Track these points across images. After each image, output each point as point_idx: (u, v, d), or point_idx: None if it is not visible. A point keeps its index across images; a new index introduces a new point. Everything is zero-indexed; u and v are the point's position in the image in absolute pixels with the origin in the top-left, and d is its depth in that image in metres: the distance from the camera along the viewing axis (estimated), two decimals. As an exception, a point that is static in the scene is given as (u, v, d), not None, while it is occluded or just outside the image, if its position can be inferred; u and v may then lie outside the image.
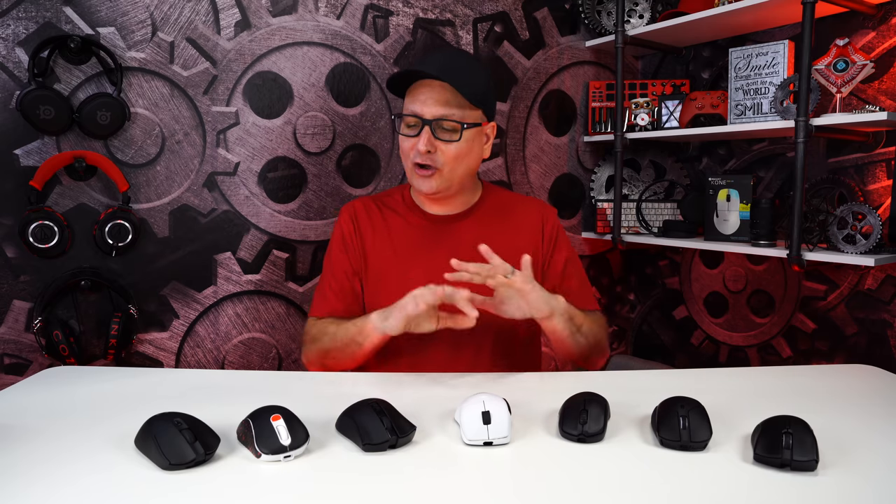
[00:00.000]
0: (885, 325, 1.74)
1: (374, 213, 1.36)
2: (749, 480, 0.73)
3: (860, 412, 0.94)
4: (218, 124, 1.80)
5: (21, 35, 1.59)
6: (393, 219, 1.35)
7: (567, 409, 0.86)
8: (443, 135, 1.21)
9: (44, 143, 1.63)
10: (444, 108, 1.20)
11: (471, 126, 1.23)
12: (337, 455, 0.79)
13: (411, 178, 1.27)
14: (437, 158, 1.22)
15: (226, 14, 1.78)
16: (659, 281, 2.38)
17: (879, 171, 1.74)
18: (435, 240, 1.32)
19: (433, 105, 1.20)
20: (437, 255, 1.28)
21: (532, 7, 2.15)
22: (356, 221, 1.34)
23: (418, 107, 1.21)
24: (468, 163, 1.26)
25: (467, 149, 1.24)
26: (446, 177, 1.24)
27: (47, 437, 0.82)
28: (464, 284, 1.14)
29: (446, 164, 1.22)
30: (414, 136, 1.22)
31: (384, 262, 1.32)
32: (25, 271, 1.64)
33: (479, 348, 1.27)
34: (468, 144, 1.24)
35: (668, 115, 2.07)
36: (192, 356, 1.83)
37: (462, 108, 1.21)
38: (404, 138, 1.24)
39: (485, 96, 1.26)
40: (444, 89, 1.20)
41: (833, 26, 1.78)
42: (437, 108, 1.20)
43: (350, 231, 1.34)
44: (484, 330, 1.24)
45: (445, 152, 1.22)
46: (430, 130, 1.20)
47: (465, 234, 1.32)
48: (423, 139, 1.20)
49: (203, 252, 1.81)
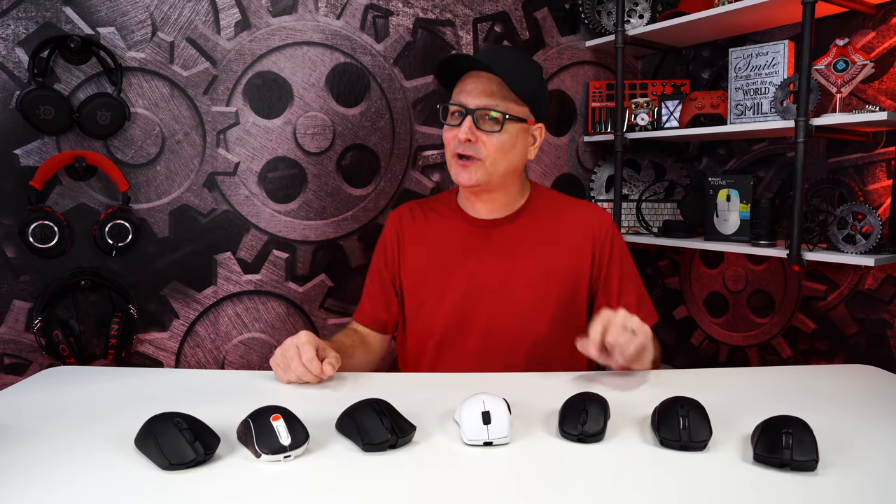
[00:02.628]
0: (885, 325, 1.74)
1: (419, 217, 1.35)
2: (749, 480, 0.73)
3: (860, 412, 0.94)
4: (218, 124, 1.80)
5: (21, 35, 1.59)
6: (437, 222, 1.33)
7: (567, 409, 0.86)
8: (485, 125, 1.18)
9: (44, 143, 1.63)
10: (488, 98, 1.18)
11: (514, 119, 1.19)
12: (337, 455, 0.79)
13: (452, 171, 1.24)
14: (479, 149, 1.19)
15: (226, 14, 1.78)
16: (659, 281, 2.38)
17: (879, 171, 1.74)
18: (477, 244, 1.29)
19: (478, 95, 1.18)
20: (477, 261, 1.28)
21: (532, 7, 2.15)
22: (400, 228, 1.35)
23: (463, 97, 1.19)
24: (511, 158, 1.22)
25: (510, 142, 1.20)
26: (488, 169, 1.20)
27: (47, 437, 0.82)
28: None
29: (489, 155, 1.19)
30: (456, 126, 1.20)
31: (423, 267, 1.31)
32: (25, 271, 1.64)
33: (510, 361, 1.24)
34: (511, 138, 1.20)
35: (668, 115, 2.06)
36: (192, 356, 1.83)
37: (507, 100, 1.19)
38: (447, 128, 1.22)
39: (534, 94, 1.23)
40: (490, 81, 1.18)
41: (833, 26, 1.78)
42: (481, 99, 1.18)
43: (391, 239, 1.35)
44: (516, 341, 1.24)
45: (487, 143, 1.19)
46: (472, 120, 1.18)
47: (508, 240, 1.28)
48: (464, 127, 1.18)
49: (203, 252, 1.81)
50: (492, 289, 1.26)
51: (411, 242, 1.33)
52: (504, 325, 1.25)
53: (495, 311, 1.25)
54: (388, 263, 1.35)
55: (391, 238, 1.35)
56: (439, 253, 1.30)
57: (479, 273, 1.27)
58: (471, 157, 1.19)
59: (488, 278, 1.26)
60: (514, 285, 1.26)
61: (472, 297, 1.26)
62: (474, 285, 1.27)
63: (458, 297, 1.27)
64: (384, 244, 1.36)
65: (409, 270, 1.32)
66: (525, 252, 1.27)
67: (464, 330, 1.27)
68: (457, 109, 1.20)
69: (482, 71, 1.20)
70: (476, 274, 1.27)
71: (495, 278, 1.26)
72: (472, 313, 1.26)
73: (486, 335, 1.26)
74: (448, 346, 1.28)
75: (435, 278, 1.29)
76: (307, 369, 1.02)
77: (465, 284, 1.27)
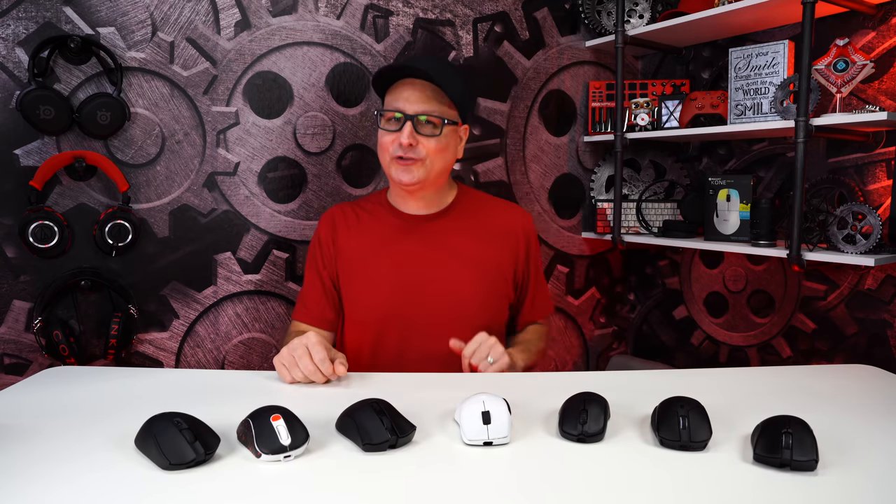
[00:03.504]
0: (885, 325, 1.74)
1: (350, 216, 1.42)
2: (749, 480, 0.73)
3: (860, 412, 0.94)
4: (218, 124, 1.80)
5: (21, 35, 1.59)
6: (367, 219, 1.41)
7: (567, 409, 0.86)
8: (424, 129, 1.27)
9: (44, 143, 1.63)
10: (425, 104, 1.26)
11: (450, 122, 1.29)
12: (337, 455, 0.79)
13: (390, 171, 1.32)
14: (419, 150, 1.27)
15: (226, 14, 1.78)
16: (659, 281, 2.38)
17: (879, 171, 1.74)
18: (405, 235, 1.37)
19: (416, 102, 1.26)
20: (405, 249, 1.36)
21: (532, 7, 2.15)
22: (333, 226, 1.41)
23: (401, 103, 1.27)
24: (446, 157, 1.32)
25: (445, 143, 1.30)
26: (427, 168, 1.29)
27: (47, 437, 0.82)
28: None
29: (428, 155, 1.28)
30: (395, 131, 1.27)
31: (355, 259, 1.37)
32: (25, 271, 1.64)
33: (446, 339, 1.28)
34: (447, 139, 1.30)
35: (668, 115, 2.07)
36: (192, 356, 1.83)
37: (442, 105, 1.28)
38: (385, 133, 1.30)
39: (462, 97, 1.33)
40: (425, 87, 1.27)
41: (833, 26, 1.78)
42: (420, 105, 1.26)
43: (325, 237, 1.41)
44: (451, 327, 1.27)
45: (426, 145, 1.27)
46: (412, 125, 1.26)
47: (439, 233, 1.37)
48: (405, 132, 1.25)
49: (203, 252, 1.81)
50: (426, 278, 1.33)
51: (345, 237, 1.39)
52: (439, 311, 1.32)
53: (430, 298, 1.32)
54: (326, 262, 1.40)
55: (326, 236, 1.41)
56: (372, 245, 1.37)
57: (412, 262, 1.34)
58: (411, 158, 1.27)
59: (422, 267, 1.34)
60: (446, 274, 1.34)
61: (406, 286, 1.33)
62: (408, 274, 1.34)
63: (392, 286, 1.33)
64: (319, 244, 1.42)
65: (344, 263, 1.38)
66: (455, 244, 1.36)
67: (400, 317, 1.33)
68: (393, 115, 1.27)
69: (416, 78, 1.27)
70: (409, 263, 1.34)
71: (428, 267, 1.34)
72: (407, 301, 1.33)
73: (422, 322, 1.32)
74: (385, 334, 1.34)
75: (369, 269, 1.35)
76: (318, 369, 1.04)
77: (398, 273, 1.34)
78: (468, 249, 1.36)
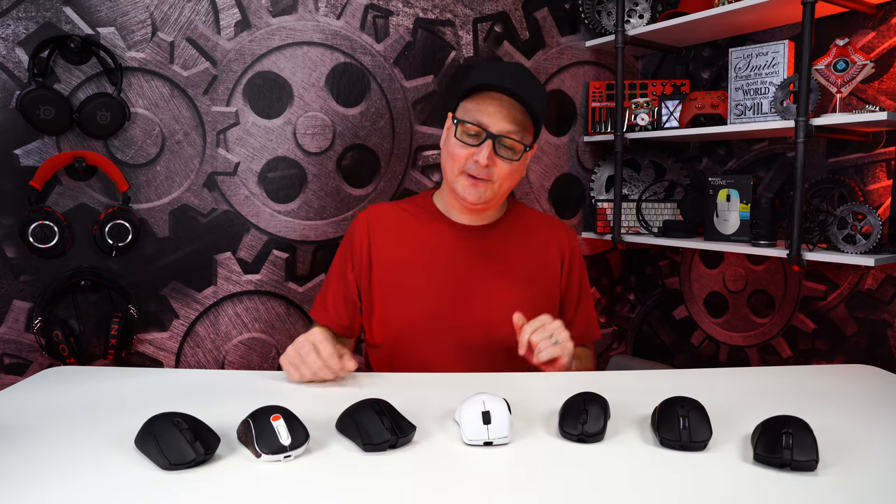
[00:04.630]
0: (885, 325, 1.74)
1: (391, 218, 1.33)
2: (749, 480, 0.73)
3: (860, 412, 0.94)
4: (218, 124, 1.80)
5: (21, 35, 1.59)
6: (412, 225, 1.32)
7: (567, 409, 0.86)
8: (503, 152, 1.20)
9: (44, 143, 1.63)
10: (511, 125, 1.18)
11: (529, 148, 1.23)
12: (337, 455, 0.79)
13: (455, 184, 1.23)
14: (492, 172, 1.20)
15: (226, 14, 1.78)
16: (659, 281, 2.38)
17: (879, 171, 1.74)
18: (459, 247, 1.30)
19: (501, 121, 1.18)
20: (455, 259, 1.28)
21: (532, 7, 2.15)
22: (369, 228, 1.31)
23: (486, 119, 1.18)
24: (514, 180, 1.25)
25: (519, 168, 1.24)
26: (497, 191, 1.23)
27: (47, 437, 0.82)
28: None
29: (501, 178, 1.21)
30: (473, 146, 1.19)
31: (396, 265, 1.29)
32: (25, 271, 1.64)
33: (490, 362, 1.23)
34: (522, 164, 1.24)
35: (668, 115, 2.06)
36: (192, 356, 1.83)
37: (525, 129, 1.21)
38: (459, 144, 1.21)
39: (542, 120, 1.26)
40: (513, 107, 1.18)
41: (833, 26, 1.78)
42: (505, 125, 1.18)
43: (360, 239, 1.31)
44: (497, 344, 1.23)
45: (501, 168, 1.20)
46: (492, 144, 1.18)
47: (489, 246, 1.30)
48: (484, 152, 1.17)
49: (203, 252, 1.81)
50: (478, 291, 1.26)
51: (384, 241, 1.30)
52: (487, 327, 1.24)
53: (479, 313, 1.25)
54: (355, 265, 1.31)
55: (360, 238, 1.31)
56: (418, 251, 1.29)
57: (463, 274, 1.27)
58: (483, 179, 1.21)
59: (472, 281, 1.27)
60: (496, 289, 1.27)
61: (455, 298, 1.26)
62: (458, 286, 1.26)
63: (440, 297, 1.26)
64: (351, 245, 1.32)
65: (381, 267, 1.29)
66: (505, 259, 1.30)
67: (445, 329, 1.25)
68: (477, 130, 1.19)
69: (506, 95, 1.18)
70: (459, 275, 1.27)
71: (479, 281, 1.27)
72: (455, 314, 1.25)
73: (467, 336, 1.25)
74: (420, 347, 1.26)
75: (413, 275, 1.27)
76: (326, 365, 1.01)
77: (448, 284, 1.26)
78: (519, 265, 1.30)
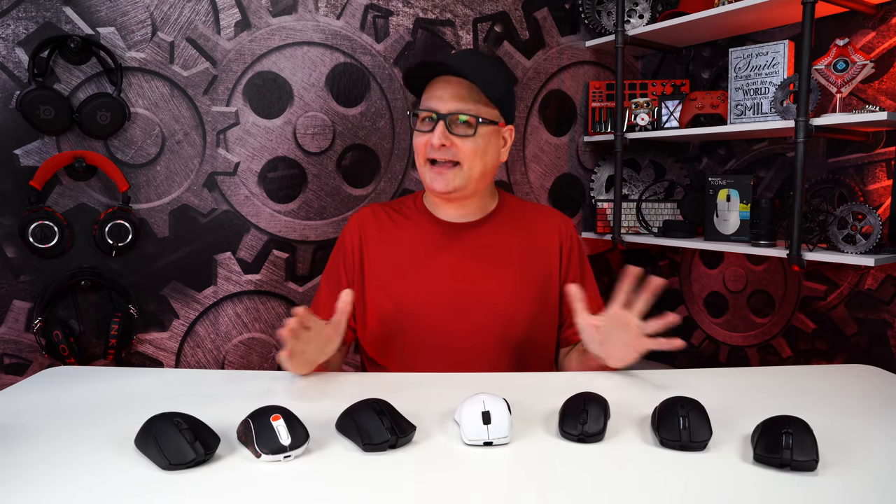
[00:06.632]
0: (885, 325, 1.74)
1: (384, 219, 1.32)
2: (749, 480, 0.73)
3: (860, 412, 0.94)
4: (218, 124, 1.80)
5: (21, 35, 1.59)
6: (403, 224, 1.31)
7: (567, 409, 0.86)
8: (457, 129, 1.18)
9: (44, 143, 1.63)
10: (459, 102, 1.17)
11: (486, 122, 1.19)
12: (337, 455, 0.79)
13: (424, 177, 1.23)
14: (454, 153, 1.18)
15: (226, 14, 1.78)
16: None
17: (879, 171, 1.74)
18: (445, 245, 1.27)
19: (449, 100, 1.18)
20: (446, 261, 1.26)
21: (532, 7, 2.15)
22: (362, 229, 1.30)
23: (434, 102, 1.19)
24: (486, 161, 1.22)
25: (483, 145, 1.20)
26: (468, 176, 1.20)
27: (47, 437, 0.82)
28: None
29: (464, 159, 1.19)
30: (428, 132, 1.19)
31: (388, 267, 1.27)
32: (25, 271, 1.64)
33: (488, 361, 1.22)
34: (484, 140, 1.20)
35: (668, 115, 2.06)
36: (192, 356, 1.83)
37: (478, 103, 1.19)
38: (418, 134, 1.21)
39: (503, 96, 1.23)
40: (460, 85, 1.18)
41: (833, 26, 1.78)
42: (453, 103, 1.17)
43: (352, 241, 1.30)
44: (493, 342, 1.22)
45: (461, 147, 1.18)
46: (444, 125, 1.17)
47: (480, 242, 1.27)
48: (437, 133, 1.17)
49: (203, 252, 1.81)
50: (468, 290, 1.24)
51: (376, 243, 1.29)
52: (482, 326, 1.23)
53: (472, 312, 1.23)
54: (348, 267, 1.29)
55: (352, 240, 1.30)
56: (409, 252, 1.27)
57: (454, 274, 1.25)
58: (446, 161, 1.19)
59: (463, 280, 1.24)
60: (489, 287, 1.24)
61: (446, 299, 1.23)
62: (449, 286, 1.24)
63: (431, 298, 1.24)
64: (343, 247, 1.31)
65: (373, 268, 1.28)
66: (498, 255, 1.27)
67: (438, 329, 1.23)
68: (427, 115, 1.19)
69: (451, 76, 1.19)
70: (450, 275, 1.25)
71: (470, 280, 1.24)
72: (447, 314, 1.23)
73: (462, 335, 1.23)
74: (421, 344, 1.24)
75: (405, 276, 1.25)
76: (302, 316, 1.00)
77: (438, 285, 1.24)
78: (514, 260, 1.26)
